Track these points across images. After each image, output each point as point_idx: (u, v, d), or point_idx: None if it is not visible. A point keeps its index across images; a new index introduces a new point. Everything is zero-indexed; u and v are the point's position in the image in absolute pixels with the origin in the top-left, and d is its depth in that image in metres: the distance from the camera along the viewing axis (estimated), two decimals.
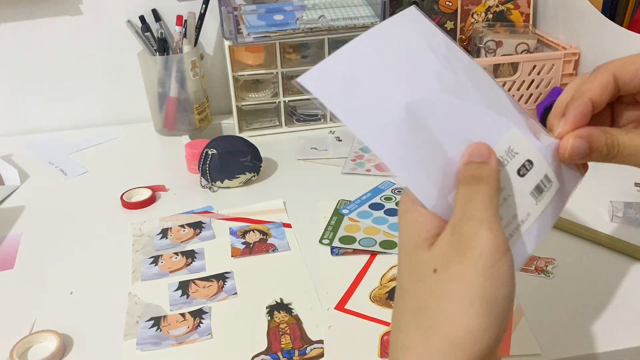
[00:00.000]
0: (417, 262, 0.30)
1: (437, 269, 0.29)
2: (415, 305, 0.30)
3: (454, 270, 0.29)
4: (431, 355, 0.28)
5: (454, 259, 0.29)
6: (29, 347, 0.53)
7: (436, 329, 0.28)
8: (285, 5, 0.85)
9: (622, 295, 0.55)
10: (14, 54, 0.95)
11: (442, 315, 0.28)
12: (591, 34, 0.87)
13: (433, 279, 0.29)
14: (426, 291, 0.29)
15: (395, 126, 0.32)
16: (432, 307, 0.29)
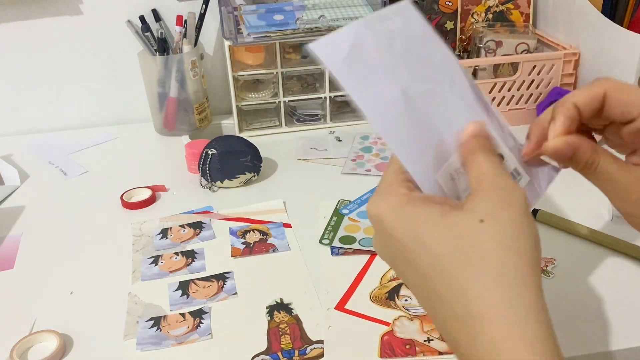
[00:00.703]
0: (454, 223, 0.32)
1: (483, 219, 0.32)
2: (470, 256, 0.31)
3: (503, 217, 0.32)
4: (514, 293, 0.30)
5: (501, 209, 0.32)
6: (29, 347, 0.53)
7: (506, 266, 0.31)
8: (285, 5, 0.85)
9: (622, 295, 0.55)
10: (14, 53, 0.95)
11: (508, 253, 0.31)
12: (591, 34, 0.87)
13: (483, 227, 0.31)
14: (479, 239, 0.31)
15: (392, 103, 0.35)
16: (494, 249, 0.31)
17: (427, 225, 0.32)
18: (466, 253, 0.31)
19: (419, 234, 0.33)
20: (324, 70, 0.92)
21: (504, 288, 0.30)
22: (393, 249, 0.34)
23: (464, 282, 0.31)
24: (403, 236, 0.33)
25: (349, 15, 0.86)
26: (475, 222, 0.32)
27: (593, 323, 0.52)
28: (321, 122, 0.95)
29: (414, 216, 0.33)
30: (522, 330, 0.30)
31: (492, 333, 0.30)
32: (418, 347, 0.50)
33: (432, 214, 0.33)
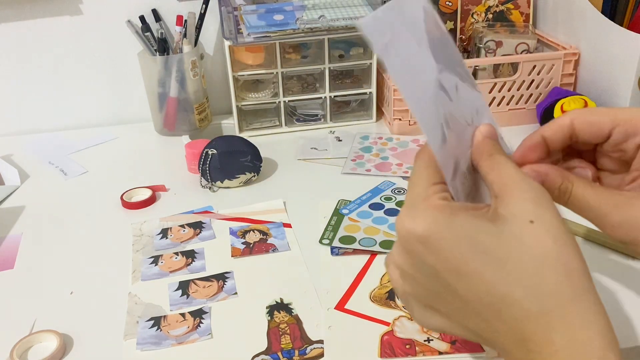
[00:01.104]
0: (505, 226, 0.32)
1: (533, 220, 0.32)
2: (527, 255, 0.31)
3: (547, 214, 0.32)
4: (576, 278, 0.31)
5: (543, 207, 0.33)
6: (29, 347, 0.53)
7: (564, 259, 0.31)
8: (285, 5, 0.85)
9: (622, 295, 0.55)
10: (14, 53, 0.95)
11: (561, 247, 0.32)
12: (591, 34, 0.87)
13: (535, 228, 0.32)
14: (534, 240, 0.32)
15: (429, 98, 0.35)
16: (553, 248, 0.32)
17: (483, 234, 0.32)
18: (529, 253, 0.31)
19: (477, 243, 0.32)
20: (323, 70, 0.92)
21: (573, 281, 0.31)
22: (439, 265, 0.33)
23: (537, 280, 0.31)
24: (458, 249, 0.32)
25: (349, 15, 0.86)
26: (527, 224, 0.32)
27: None
28: (321, 122, 0.95)
29: (465, 226, 0.32)
30: (597, 321, 0.31)
31: (569, 327, 0.30)
32: (418, 347, 0.50)
33: (482, 223, 0.32)
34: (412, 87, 0.34)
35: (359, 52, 0.93)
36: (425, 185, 0.35)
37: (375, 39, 0.33)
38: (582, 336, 0.30)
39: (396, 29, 0.34)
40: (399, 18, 0.35)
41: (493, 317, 0.33)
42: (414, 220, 0.33)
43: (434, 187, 0.35)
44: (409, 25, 0.35)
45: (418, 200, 0.34)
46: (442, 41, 0.38)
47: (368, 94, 0.95)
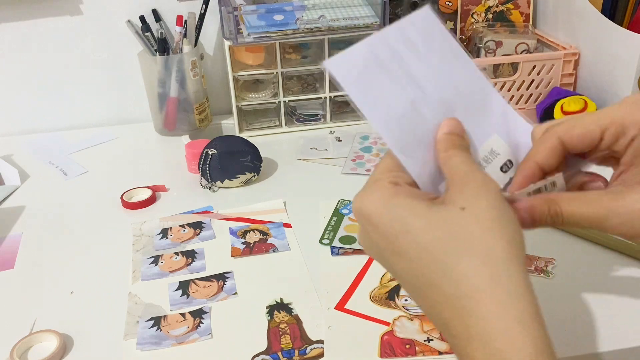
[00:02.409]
0: (438, 212, 0.34)
1: (464, 207, 0.33)
2: (456, 241, 0.33)
3: (482, 204, 0.33)
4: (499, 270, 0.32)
5: (478, 197, 0.34)
6: (29, 347, 0.53)
7: (490, 247, 0.32)
8: (285, 6, 0.85)
9: (622, 295, 0.55)
10: (14, 53, 0.95)
11: (490, 235, 0.32)
12: (591, 34, 0.87)
13: (465, 214, 0.33)
14: (462, 225, 0.33)
15: (400, 116, 0.37)
16: (477, 232, 0.32)
17: (414, 216, 0.34)
18: (452, 238, 0.33)
19: (406, 224, 0.34)
20: (323, 70, 0.92)
21: (492, 266, 0.32)
22: (380, 241, 0.35)
23: (453, 264, 0.32)
24: (390, 227, 0.34)
25: (349, 15, 0.86)
26: (458, 210, 0.33)
27: (593, 323, 0.52)
28: (321, 122, 0.95)
29: (401, 208, 0.34)
30: (514, 307, 0.31)
31: (484, 311, 0.31)
32: (418, 346, 0.50)
33: (417, 206, 0.34)
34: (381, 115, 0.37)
35: None
36: (382, 170, 0.37)
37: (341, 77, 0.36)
38: (497, 324, 0.30)
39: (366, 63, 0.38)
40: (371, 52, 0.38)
41: (421, 298, 0.34)
42: (361, 200, 0.36)
43: (388, 173, 0.37)
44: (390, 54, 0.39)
45: (371, 182, 0.37)
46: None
47: None
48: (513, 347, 0.30)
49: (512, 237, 0.33)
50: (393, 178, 0.36)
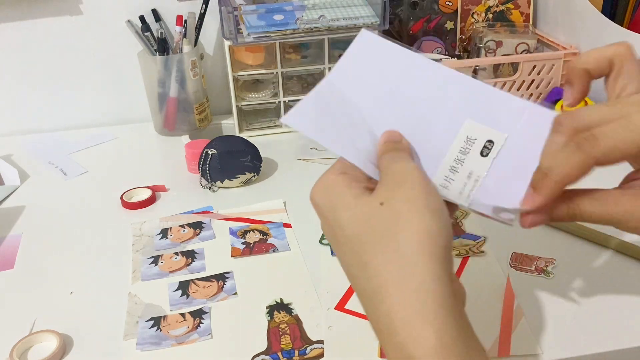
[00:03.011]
0: (361, 206, 0.35)
1: (383, 202, 0.35)
2: (372, 236, 0.34)
3: (398, 197, 0.35)
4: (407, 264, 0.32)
5: (395, 190, 0.35)
6: (29, 347, 0.53)
7: (401, 241, 0.33)
8: (285, 5, 0.85)
9: (622, 295, 0.55)
10: (14, 53, 0.95)
11: (402, 229, 0.33)
12: (591, 34, 0.87)
13: (382, 209, 0.34)
14: (379, 220, 0.34)
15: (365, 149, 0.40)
16: (391, 227, 0.34)
17: (343, 207, 0.36)
18: (369, 233, 0.34)
19: (337, 215, 0.36)
20: (323, 70, 0.92)
21: (400, 261, 0.32)
22: (324, 229, 0.39)
23: (367, 259, 0.34)
24: (327, 215, 0.37)
25: (349, 15, 0.86)
26: (377, 205, 0.35)
27: (593, 323, 0.52)
28: None
29: (334, 197, 0.37)
30: (417, 300, 0.31)
31: (388, 306, 0.32)
32: None
33: (348, 196, 0.36)
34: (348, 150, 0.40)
35: None
36: (332, 165, 0.39)
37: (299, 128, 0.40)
38: (399, 317, 0.32)
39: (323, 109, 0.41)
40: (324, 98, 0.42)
41: (352, 285, 0.37)
42: (312, 189, 0.39)
43: (336, 165, 0.39)
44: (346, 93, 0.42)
45: (324, 172, 0.39)
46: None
47: None
48: (414, 340, 0.31)
49: (426, 229, 0.33)
50: (339, 168, 0.38)
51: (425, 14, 1.02)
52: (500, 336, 0.51)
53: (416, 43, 1.02)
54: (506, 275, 0.59)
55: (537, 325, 0.52)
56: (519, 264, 0.60)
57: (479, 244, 0.63)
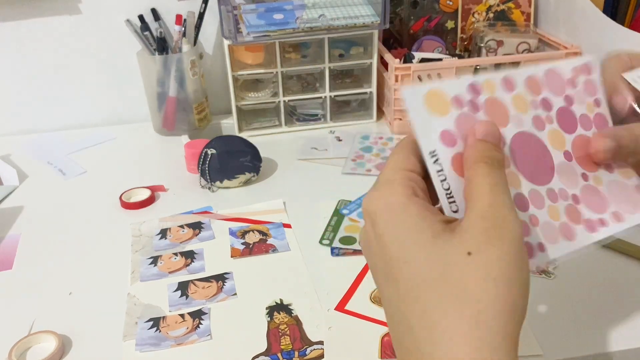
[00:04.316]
0: (441, 248, 0.30)
1: (471, 251, 0.29)
2: (447, 290, 0.29)
3: (491, 252, 0.29)
4: (482, 339, 0.28)
5: (491, 242, 0.29)
6: (27, 347, 0.53)
7: (481, 310, 0.28)
8: (285, 5, 0.85)
9: (623, 295, 0.55)
10: (13, 53, 0.95)
11: (487, 294, 0.28)
12: (592, 33, 0.87)
13: (469, 261, 0.29)
14: (462, 274, 0.29)
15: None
16: (474, 288, 0.28)
17: (417, 243, 0.30)
18: (447, 286, 0.29)
19: (407, 249, 0.30)
20: (323, 70, 0.91)
21: (479, 337, 0.28)
22: (378, 253, 0.32)
23: (438, 318, 0.28)
24: (391, 245, 0.31)
25: (349, 14, 0.85)
26: (463, 254, 0.29)
27: (593, 323, 0.52)
28: (321, 122, 0.95)
29: (407, 227, 0.31)
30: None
31: None
32: None
33: (425, 232, 0.30)
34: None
35: (359, 51, 0.93)
36: (394, 168, 0.33)
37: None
38: None
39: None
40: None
41: (395, 333, 0.31)
42: (371, 201, 0.32)
43: (401, 173, 0.33)
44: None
45: (382, 181, 0.33)
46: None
47: (368, 94, 0.95)
48: None
49: (513, 301, 0.29)
50: (408, 181, 0.33)
51: (426, 13, 1.01)
52: None
53: (417, 42, 1.01)
54: None
55: (538, 326, 0.52)
56: None
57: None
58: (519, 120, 0.38)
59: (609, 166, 0.41)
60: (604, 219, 0.39)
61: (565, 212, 0.38)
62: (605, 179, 0.41)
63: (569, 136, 0.40)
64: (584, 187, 0.40)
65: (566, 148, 0.40)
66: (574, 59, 0.42)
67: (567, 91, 0.41)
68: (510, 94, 0.38)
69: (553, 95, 0.40)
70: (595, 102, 0.42)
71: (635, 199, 0.41)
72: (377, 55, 0.92)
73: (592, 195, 0.40)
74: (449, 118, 0.35)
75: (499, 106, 0.37)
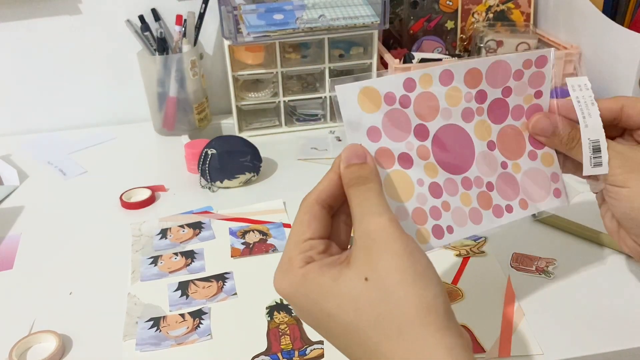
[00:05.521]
0: (345, 289, 0.32)
1: (366, 277, 0.32)
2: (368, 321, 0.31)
3: (381, 269, 0.32)
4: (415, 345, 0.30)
5: (376, 262, 0.32)
6: (28, 347, 0.53)
7: (401, 323, 0.31)
8: (285, 5, 0.85)
9: (622, 295, 0.55)
10: (13, 53, 0.95)
11: (397, 308, 0.31)
12: (592, 33, 0.87)
13: (368, 287, 0.32)
14: (370, 302, 0.31)
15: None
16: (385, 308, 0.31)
17: (326, 297, 0.33)
18: (365, 319, 0.31)
19: (322, 307, 0.33)
20: (323, 70, 0.92)
21: (407, 346, 0.30)
22: (309, 319, 0.35)
23: (374, 346, 0.31)
24: (311, 310, 0.34)
25: (349, 15, 0.85)
26: (362, 283, 0.32)
27: (594, 323, 0.52)
28: (321, 122, 0.95)
29: (313, 290, 0.33)
30: None
31: None
32: None
33: (326, 284, 0.33)
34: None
35: (359, 51, 0.93)
36: (295, 241, 0.36)
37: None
38: None
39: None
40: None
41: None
42: (279, 283, 0.36)
43: (300, 246, 0.36)
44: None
45: (285, 260, 0.36)
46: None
47: None
48: None
49: (423, 302, 0.31)
50: (304, 253, 0.35)
51: (426, 13, 1.01)
52: (500, 336, 0.51)
53: (416, 42, 1.01)
54: (507, 275, 0.58)
55: (538, 326, 0.52)
56: (519, 264, 0.60)
57: (479, 244, 0.63)
58: (448, 114, 0.41)
59: (534, 154, 0.45)
60: (511, 205, 0.43)
61: (477, 198, 0.42)
62: (524, 167, 0.44)
63: (496, 126, 0.44)
64: (500, 175, 0.43)
65: (491, 138, 0.43)
66: (531, 52, 0.45)
67: (509, 83, 0.44)
68: (446, 87, 0.41)
69: (491, 87, 0.43)
70: (536, 94, 0.45)
71: (547, 187, 0.45)
72: (377, 56, 0.92)
73: (507, 182, 0.43)
74: (378, 114, 0.39)
75: (430, 100, 0.41)
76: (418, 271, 0.32)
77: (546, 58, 0.45)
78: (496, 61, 0.43)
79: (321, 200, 0.37)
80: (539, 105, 0.45)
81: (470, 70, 0.42)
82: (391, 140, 0.39)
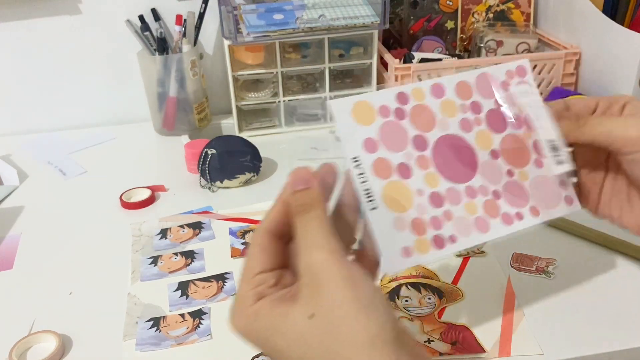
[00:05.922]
0: (291, 326, 0.32)
1: (312, 314, 0.32)
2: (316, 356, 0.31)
3: (324, 305, 0.31)
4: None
5: (319, 297, 0.32)
6: (28, 347, 0.53)
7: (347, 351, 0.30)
8: (285, 5, 0.85)
9: (622, 295, 0.55)
10: (13, 53, 0.95)
11: (343, 343, 0.30)
12: (592, 33, 0.87)
13: (313, 324, 0.31)
14: (315, 338, 0.31)
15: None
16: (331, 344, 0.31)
17: (276, 334, 0.33)
18: (312, 355, 0.31)
19: (273, 344, 0.33)
20: (323, 70, 0.92)
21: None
22: (266, 353, 0.35)
23: None
24: (264, 347, 0.34)
25: (349, 15, 0.85)
26: (307, 321, 0.32)
27: (594, 323, 0.52)
28: (321, 122, 0.95)
29: (264, 327, 0.34)
30: None
31: None
32: None
33: (276, 322, 0.33)
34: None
35: (359, 51, 0.93)
36: (246, 276, 0.36)
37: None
38: None
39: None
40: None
41: None
42: (233, 320, 0.36)
43: (251, 282, 0.35)
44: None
45: (238, 298, 0.36)
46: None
47: None
48: None
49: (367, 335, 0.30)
50: (255, 288, 0.35)
51: (426, 13, 1.01)
52: (501, 337, 0.51)
53: (416, 42, 1.01)
54: (507, 275, 0.58)
55: (538, 326, 0.52)
56: (519, 264, 0.60)
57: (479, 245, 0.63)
58: (445, 124, 0.41)
59: (539, 162, 0.44)
60: (521, 212, 0.43)
61: (484, 206, 0.41)
62: (531, 175, 0.44)
63: (497, 136, 0.43)
64: (507, 183, 0.43)
65: (493, 147, 0.43)
66: (509, 63, 0.45)
67: (498, 94, 0.44)
68: (439, 99, 0.42)
69: (483, 98, 0.44)
70: (528, 103, 0.45)
71: (557, 193, 0.44)
72: (377, 56, 0.92)
73: (515, 190, 0.43)
74: (373, 127, 0.39)
75: (426, 112, 0.41)
76: (362, 303, 0.31)
77: (524, 68, 0.45)
78: (480, 74, 0.43)
79: (271, 229, 0.36)
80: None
81: (459, 82, 0.42)
82: (388, 150, 0.39)
